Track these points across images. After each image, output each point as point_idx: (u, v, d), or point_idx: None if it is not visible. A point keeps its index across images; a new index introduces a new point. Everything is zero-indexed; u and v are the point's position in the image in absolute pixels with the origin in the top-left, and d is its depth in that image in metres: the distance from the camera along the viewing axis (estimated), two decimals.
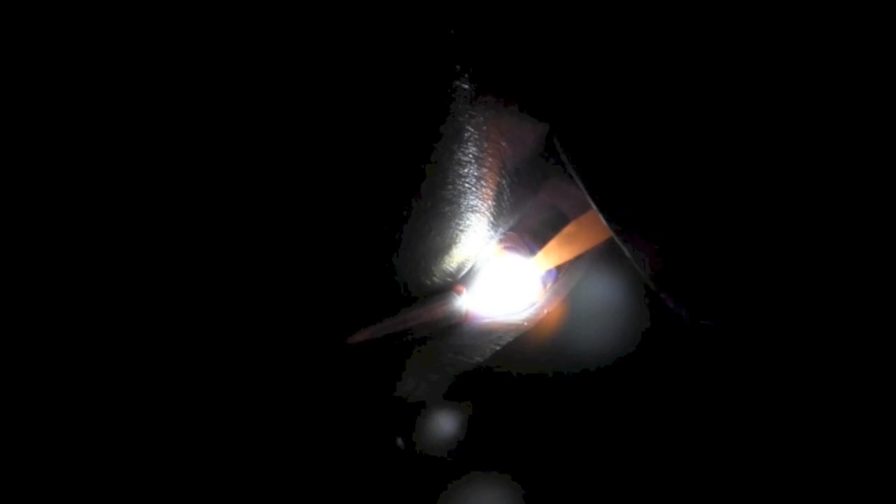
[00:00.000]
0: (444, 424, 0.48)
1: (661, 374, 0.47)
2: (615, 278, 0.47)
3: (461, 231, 0.47)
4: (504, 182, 0.46)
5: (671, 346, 0.46)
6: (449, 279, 0.48)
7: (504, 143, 0.44)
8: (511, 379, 0.48)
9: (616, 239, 0.40)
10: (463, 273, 0.48)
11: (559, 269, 0.50)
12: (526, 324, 0.46)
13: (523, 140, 0.45)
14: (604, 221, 0.40)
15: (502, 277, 0.50)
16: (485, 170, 0.45)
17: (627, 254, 0.40)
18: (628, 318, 0.46)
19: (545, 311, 0.47)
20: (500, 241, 0.49)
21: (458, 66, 0.41)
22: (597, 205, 0.40)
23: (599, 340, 0.47)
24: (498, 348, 0.45)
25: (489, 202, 0.46)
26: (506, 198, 0.47)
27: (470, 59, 0.41)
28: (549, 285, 0.50)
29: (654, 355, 0.47)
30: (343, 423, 0.47)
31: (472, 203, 0.46)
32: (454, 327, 0.47)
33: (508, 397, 0.48)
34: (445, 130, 0.43)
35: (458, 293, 0.48)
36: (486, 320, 0.48)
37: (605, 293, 0.48)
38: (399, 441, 0.47)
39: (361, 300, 0.46)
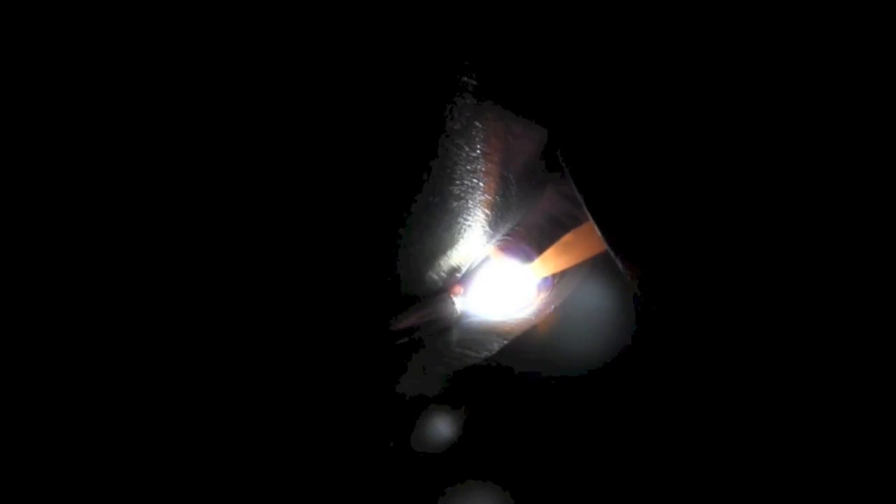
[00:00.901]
0: (443, 423, 0.47)
1: (660, 378, 0.47)
2: (615, 283, 0.47)
3: (467, 227, 0.47)
4: (510, 179, 0.46)
5: (668, 350, 0.46)
6: (454, 275, 0.48)
7: (511, 141, 0.45)
8: (514, 376, 0.47)
9: (609, 251, 0.40)
10: (466, 269, 0.48)
11: (555, 275, 0.51)
12: (533, 318, 0.46)
13: (529, 139, 0.46)
14: (599, 233, 0.40)
15: (502, 279, 0.50)
16: (492, 166, 0.45)
17: (619, 265, 0.40)
18: (626, 322, 0.47)
19: (551, 308, 0.47)
20: (502, 241, 0.50)
21: (466, 62, 0.42)
22: (594, 217, 0.41)
23: (599, 341, 0.47)
24: (506, 342, 0.45)
25: (496, 199, 0.46)
26: (511, 196, 0.47)
27: (478, 55, 0.42)
28: (554, 283, 0.50)
29: (652, 360, 0.46)
30: (345, 423, 0.46)
31: (478, 199, 0.46)
32: (457, 324, 0.47)
33: (509, 396, 0.48)
34: (454, 126, 0.43)
35: (459, 291, 0.48)
36: (488, 318, 0.48)
37: (605, 296, 0.48)
38: (391, 443, 0.46)
39: (367, 296, 0.46)
